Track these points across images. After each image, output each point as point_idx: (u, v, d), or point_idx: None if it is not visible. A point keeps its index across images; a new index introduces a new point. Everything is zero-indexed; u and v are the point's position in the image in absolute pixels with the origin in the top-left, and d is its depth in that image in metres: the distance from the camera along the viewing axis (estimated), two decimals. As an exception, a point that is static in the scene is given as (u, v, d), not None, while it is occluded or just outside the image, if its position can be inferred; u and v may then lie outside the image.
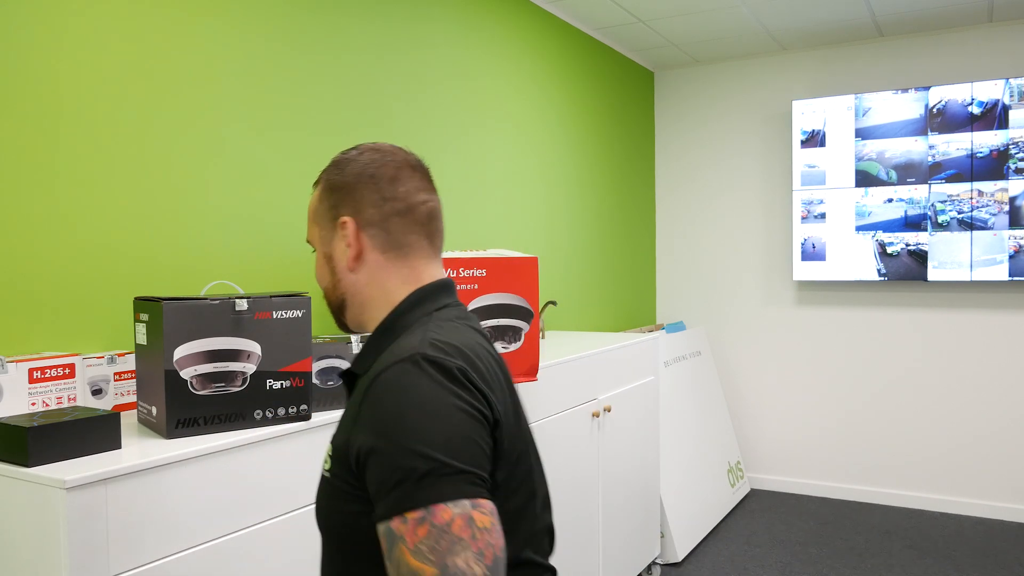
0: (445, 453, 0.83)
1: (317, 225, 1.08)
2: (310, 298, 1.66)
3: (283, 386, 1.61)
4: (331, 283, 1.08)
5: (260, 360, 1.58)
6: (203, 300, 1.52)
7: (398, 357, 0.91)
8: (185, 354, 1.49)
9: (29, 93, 1.68)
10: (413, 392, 0.87)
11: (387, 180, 1.04)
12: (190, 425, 1.50)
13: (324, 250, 1.08)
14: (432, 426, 0.85)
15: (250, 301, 1.57)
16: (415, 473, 0.82)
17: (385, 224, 1.03)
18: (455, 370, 0.90)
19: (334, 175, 1.06)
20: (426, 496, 0.81)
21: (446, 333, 0.96)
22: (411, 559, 0.80)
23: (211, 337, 1.52)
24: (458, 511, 0.81)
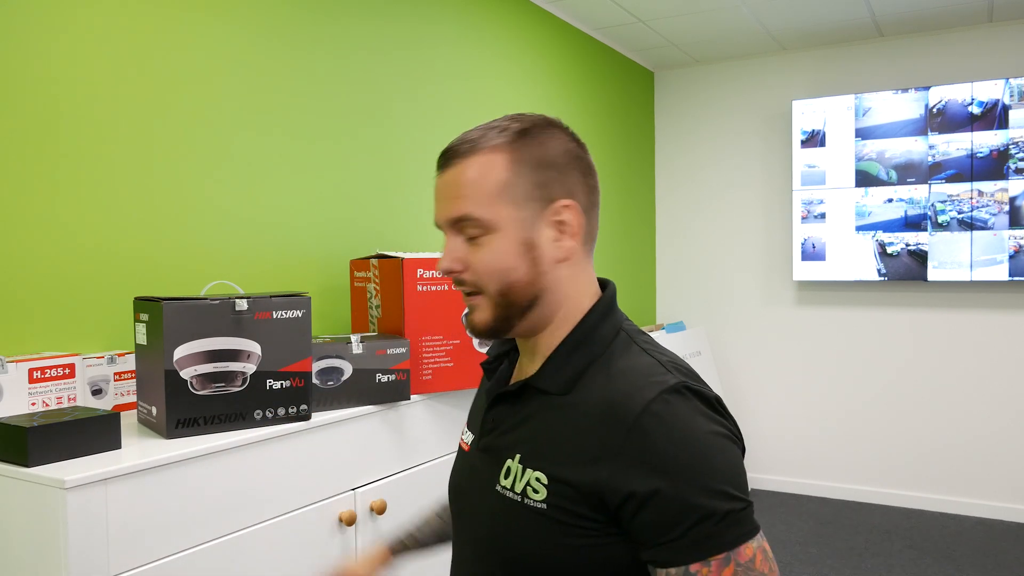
0: (737, 488, 0.80)
1: (508, 203, 0.87)
2: (310, 298, 1.66)
3: (283, 386, 1.61)
4: (530, 276, 0.88)
5: (260, 360, 1.58)
6: (203, 300, 1.52)
7: (657, 385, 0.82)
8: (185, 354, 1.49)
9: (29, 93, 1.68)
10: (692, 426, 0.80)
11: (589, 166, 0.92)
12: (190, 425, 1.50)
13: (524, 235, 0.88)
14: (719, 463, 0.80)
15: (250, 301, 1.57)
16: (715, 513, 0.78)
17: (591, 215, 0.92)
18: (714, 400, 0.85)
19: (532, 146, 0.89)
20: (731, 537, 0.78)
21: (667, 353, 0.89)
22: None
23: (211, 337, 1.52)
24: (756, 545, 0.79)
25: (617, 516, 0.81)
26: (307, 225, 2.36)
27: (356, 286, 2.27)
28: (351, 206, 2.52)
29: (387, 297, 2.06)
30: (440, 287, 2.04)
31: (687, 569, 0.78)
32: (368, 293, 2.18)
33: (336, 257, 2.46)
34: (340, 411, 1.75)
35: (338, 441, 1.72)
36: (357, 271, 2.27)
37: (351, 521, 1.72)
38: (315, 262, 2.38)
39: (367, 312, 2.24)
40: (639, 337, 0.91)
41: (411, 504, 1.92)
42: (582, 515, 0.82)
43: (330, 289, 2.43)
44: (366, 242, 2.57)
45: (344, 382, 1.80)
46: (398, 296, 2.01)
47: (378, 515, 1.82)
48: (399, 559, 1.25)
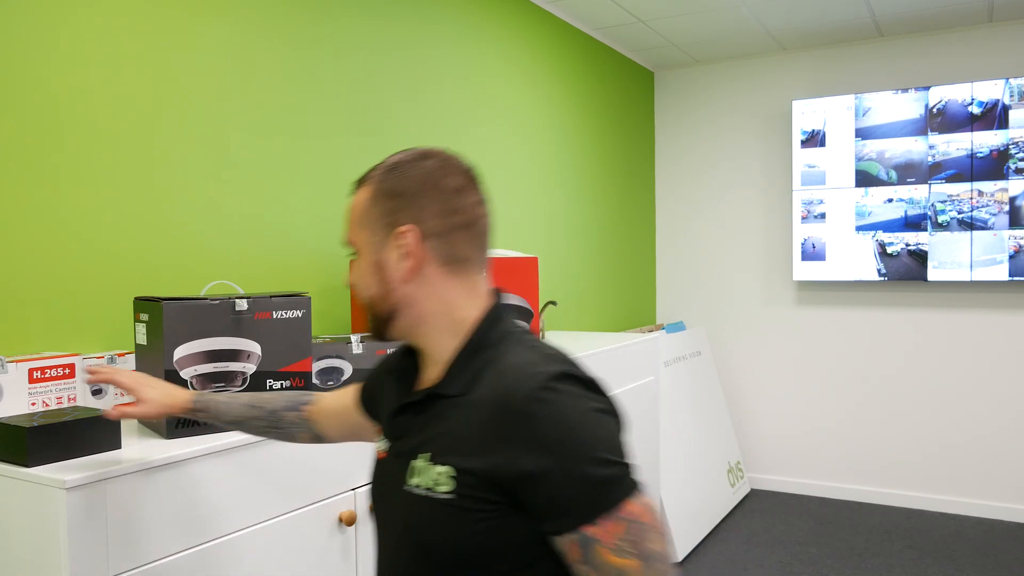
0: (615, 454, 0.89)
1: (366, 230, 1.01)
2: (310, 298, 1.66)
3: (283, 386, 1.62)
4: (380, 292, 1.02)
5: (260, 360, 1.59)
6: (203, 300, 1.52)
7: (540, 375, 0.91)
8: (185, 354, 1.49)
9: (29, 94, 1.68)
10: (569, 406, 0.90)
11: (452, 190, 1.00)
12: (189, 425, 1.50)
13: (374, 257, 1.01)
14: (597, 434, 0.89)
15: (250, 301, 1.57)
16: (597, 479, 0.87)
17: (448, 237, 1.00)
18: (589, 381, 0.94)
19: (392, 179, 1.00)
20: (613, 499, 0.87)
21: (546, 346, 0.99)
22: (613, 558, 0.87)
23: (211, 337, 1.52)
24: (638, 501, 0.89)
25: (515, 495, 0.90)
26: (307, 225, 2.36)
27: (356, 286, 2.27)
28: (351, 206, 2.52)
29: (387, 297, 2.05)
30: (440, 287, 2.03)
31: (581, 532, 0.87)
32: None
33: (336, 257, 2.46)
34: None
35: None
36: (357, 271, 2.26)
37: (351, 521, 1.72)
38: (315, 262, 2.38)
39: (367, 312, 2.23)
40: (525, 337, 1.01)
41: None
42: (486, 499, 0.91)
43: (330, 289, 2.43)
44: (366, 242, 2.57)
45: (344, 382, 1.80)
46: (398, 296, 2.01)
47: (378, 515, 1.82)
48: (194, 415, 1.30)
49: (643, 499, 0.90)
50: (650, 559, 0.87)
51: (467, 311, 1.02)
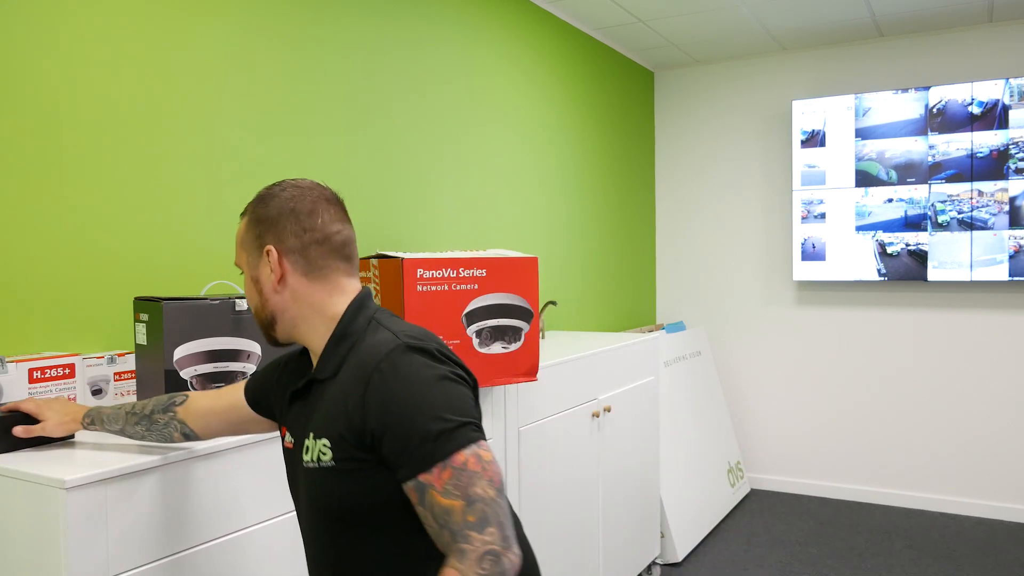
0: (449, 411, 1.04)
1: (245, 251, 1.22)
2: None
3: None
4: (259, 303, 1.21)
5: (260, 360, 1.59)
6: (203, 300, 1.52)
7: (385, 349, 1.09)
8: (185, 354, 1.50)
9: (29, 94, 1.68)
10: (409, 372, 1.06)
11: (305, 213, 1.19)
12: None
13: (252, 274, 1.22)
14: (433, 395, 1.05)
15: None
16: (431, 434, 1.02)
17: (305, 251, 1.19)
18: (434, 351, 1.10)
19: (259, 209, 1.21)
20: (443, 450, 1.02)
21: (406, 326, 1.16)
22: (441, 499, 1.01)
23: (211, 337, 1.53)
24: (468, 452, 1.03)
25: (375, 451, 1.06)
26: (307, 225, 2.36)
27: (356, 286, 2.27)
28: (351, 206, 2.52)
29: (387, 297, 2.06)
30: (440, 287, 2.04)
31: (418, 479, 1.02)
32: (368, 293, 2.18)
33: (336, 257, 2.46)
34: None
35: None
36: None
37: (351, 521, 1.72)
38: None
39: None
40: (386, 321, 1.17)
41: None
42: (359, 459, 1.08)
43: (330, 289, 2.43)
44: (366, 242, 2.57)
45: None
46: (398, 296, 2.01)
47: (378, 515, 1.81)
48: (89, 428, 1.44)
49: (475, 450, 1.03)
50: (472, 500, 1.01)
51: (335, 308, 1.19)
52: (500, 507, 1.03)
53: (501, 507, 1.03)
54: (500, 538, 1.01)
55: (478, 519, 1.00)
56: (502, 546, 1.01)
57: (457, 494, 1.01)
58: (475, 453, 1.03)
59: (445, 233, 2.95)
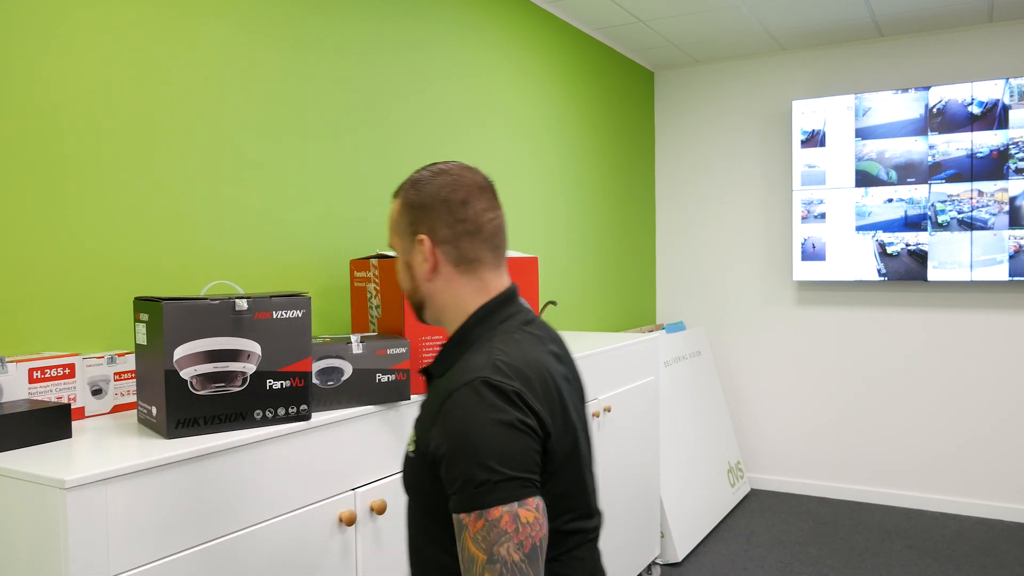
0: (499, 463, 1.03)
1: (398, 236, 1.25)
2: (310, 298, 1.66)
3: (283, 386, 1.61)
4: (412, 287, 1.26)
5: (260, 360, 1.58)
6: (203, 300, 1.52)
7: (465, 379, 1.09)
8: (185, 354, 1.49)
9: (29, 93, 1.68)
10: (475, 411, 1.06)
11: (458, 203, 1.19)
12: (190, 425, 1.50)
13: (404, 259, 1.25)
14: (490, 443, 1.04)
15: (250, 301, 1.57)
16: (475, 481, 1.03)
17: (457, 242, 1.20)
18: (511, 393, 1.08)
19: (411, 194, 1.22)
20: (483, 500, 1.02)
21: (508, 350, 1.14)
22: (470, 545, 1.03)
23: (211, 337, 1.52)
24: (506, 510, 1.02)
25: (435, 469, 1.10)
26: (307, 225, 2.36)
27: (356, 286, 2.27)
28: (351, 206, 2.52)
29: (387, 297, 2.06)
30: (440, 287, 2.03)
31: (458, 517, 1.05)
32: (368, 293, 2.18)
33: (336, 257, 2.46)
34: (340, 411, 1.75)
35: (338, 441, 1.72)
36: (357, 271, 2.27)
37: (351, 521, 1.72)
38: (315, 262, 2.38)
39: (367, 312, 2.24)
40: (500, 337, 1.17)
41: (411, 504, 1.92)
42: (429, 463, 1.11)
43: (330, 289, 2.43)
44: (366, 242, 2.57)
45: (344, 382, 1.80)
46: (398, 296, 2.01)
47: (378, 515, 1.82)
48: None
49: (515, 509, 1.03)
50: (493, 559, 1.01)
51: (470, 307, 1.21)
52: (519, 573, 1.02)
53: (521, 573, 1.02)
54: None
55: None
56: None
57: (483, 547, 1.02)
58: (513, 512, 1.02)
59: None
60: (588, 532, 1.23)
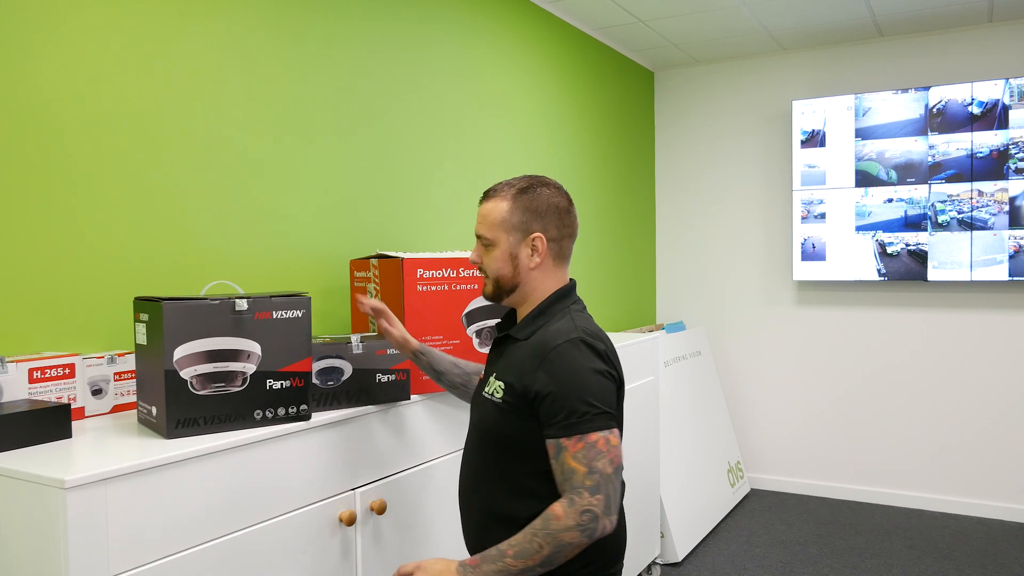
0: (596, 399, 1.37)
1: (506, 232, 1.51)
2: (310, 298, 1.66)
3: (283, 386, 1.61)
4: (511, 275, 1.52)
5: (260, 360, 1.58)
6: (203, 300, 1.52)
7: (565, 337, 1.42)
8: (185, 354, 1.49)
9: (28, 94, 1.68)
10: (577, 360, 1.40)
11: (564, 211, 1.54)
12: (190, 425, 1.50)
13: (512, 250, 1.51)
14: (590, 384, 1.38)
15: (250, 301, 1.57)
16: (578, 412, 1.35)
17: (560, 242, 1.54)
18: (601, 351, 1.44)
19: (525, 199, 1.51)
20: (584, 426, 1.35)
21: (586, 323, 1.49)
22: (571, 461, 1.34)
23: (211, 337, 1.52)
24: (600, 435, 1.35)
25: (533, 406, 1.41)
26: (307, 225, 2.36)
27: (356, 286, 2.27)
28: (351, 206, 2.52)
29: (387, 297, 2.06)
30: (440, 287, 2.04)
31: (559, 441, 1.36)
32: (368, 293, 2.18)
33: (336, 257, 2.46)
34: (340, 411, 1.75)
35: (338, 441, 1.72)
36: (357, 271, 2.27)
37: (351, 521, 1.72)
38: (315, 262, 2.38)
39: (367, 312, 2.23)
40: (575, 314, 1.50)
41: (411, 504, 1.92)
42: (518, 407, 1.44)
43: (330, 289, 2.43)
44: (366, 242, 2.57)
45: (344, 382, 1.80)
46: (398, 296, 2.01)
47: (378, 515, 1.82)
48: (416, 357, 1.81)
49: (606, 435, 1.35)
50: (593, 471, 1.33)
51: (551, 290, 1.54)
52: (612, 483, 1.34)
53: (613, 483, 1.34)
54: (604, 506, 1.32)
55: (593, 484, 1.32)
56: (603, 511, 1.32)
57: (584, 462, 1.33)
58: (606, 437, 1.35)
59: (445, 233, 2.95)
60: None
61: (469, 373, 1.81)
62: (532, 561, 1.33)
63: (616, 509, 1.35)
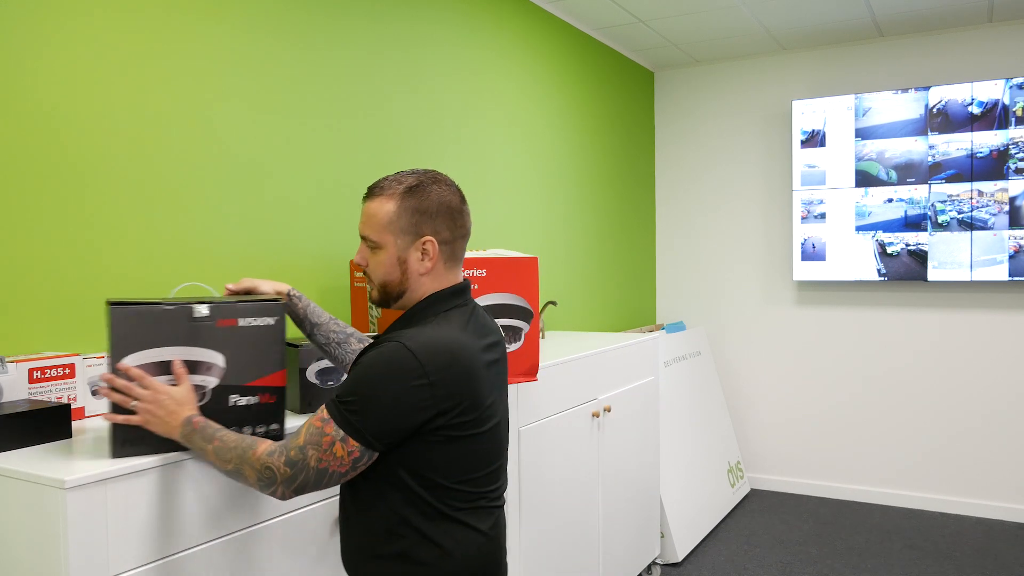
0: (368, 410, 1.24)
1: (393, 234, 1.36)
2: (283, 304, 1.50)
3: (251, 403, 1.44)
4: (399, 279, 1.38)
5: (223, 373, 1.41)
6: (156, 304, 1.35)
7: (396, 339, 1.28)
8: (135, 364, 1.34)
9: (30, 95, 1.68)
10: (388, 365, 1.26)
11: (457, 211, 1.39)
12: (137, 444, 1.33)
13: (400, 254, 1.37)
14: (378, 390, 1.25)
15: (211, 307, 1.40)
16: (344, 398, 1.26)
17: (453, 244, 1.39)
18: (420, 364, 1.26)
19: (414, 199, 1.36)
20: (336, 414, 1.26)
21: (443, 330, 1.32)
22: (305, 425, 1.28)
23: (165, 346, 1.35)
24: (335, 435, 1.25)
25: None
26: (307, 225, 2.36)
27: (356, 286, 2.27)
28: (351, 206, 2.52)
29: (387, 297, 2.05)
30: (440, 287, 2.03)
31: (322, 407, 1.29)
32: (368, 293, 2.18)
33: (336, 257, 2.46)
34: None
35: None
36: (357, 271, 2.27)
37: (351, 521, 1.72)
38: (315, 262, 2.38)
39: (367, 312, 2.24)
40: (437, 320, 1.36)
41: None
42: None
43: (330, 289, 2.43)
44: (366, 242, 2.56)
45: (344, 382, 1.79)
46: (398, 296, 2.00)
47: (378, 515, 1.81)
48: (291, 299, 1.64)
49: (339, 439, 1.25)
50: (303, 450, 1.25)
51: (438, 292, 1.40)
52: (309, 474, 1.25)
53: (309, 475, 1.25)
54: (288, 479, 1.25)
55: (294, 459, 1.25)
56: (283, 482, 1.25)
57: (307, 436, 1.26)
58: (336, 440, 1.25)
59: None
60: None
61: (348, 334, 1.67)
62: (220, 466, 1.29)
63: (300, 492, 1.26)
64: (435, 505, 1.31)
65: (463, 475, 1.33)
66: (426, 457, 1.30)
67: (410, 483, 1.30)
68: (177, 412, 1.33)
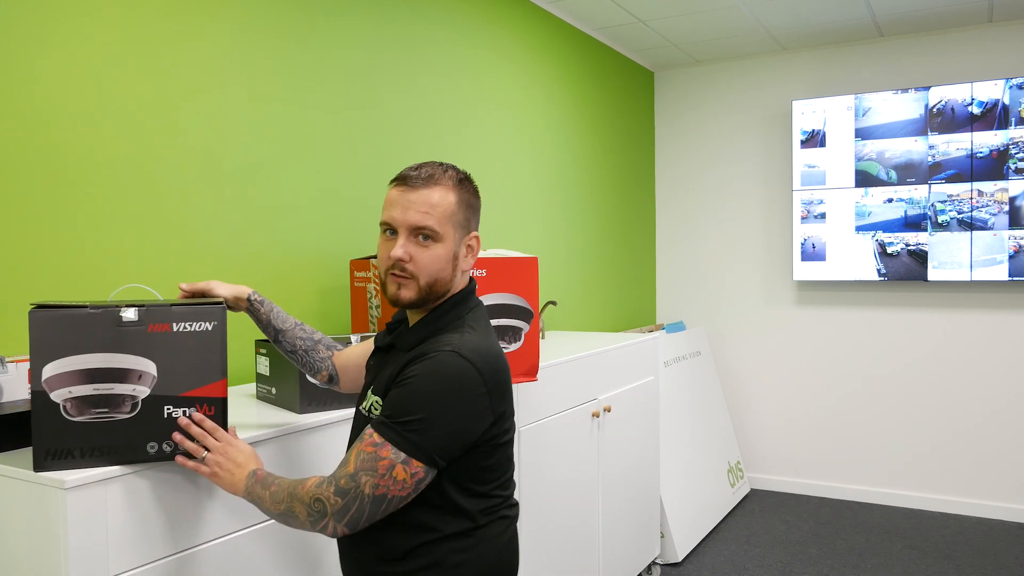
0: (429, 429, 1.19)
1: (453, 227, 1.29)
2: (224, 307, 1.39)
3: (186, 414, 1.34)
4: (449, 276, 1.30)
5: (155, 382, 1.32)
6: (79, 308, 1.27)
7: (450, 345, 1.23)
8: (56, 372, 1.25)
9: (29, 95, 1.68)
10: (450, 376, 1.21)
11: (479, 208, 1.36)
12: (63, 457, 1.26)
13: (453, 249, 1.29)
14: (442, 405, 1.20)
15: (141, 311, 1.30)
16: (399, 417, 1.20)
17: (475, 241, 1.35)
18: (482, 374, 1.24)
19: (467, 192, 1.32)
20: (392, 436, 1.19)
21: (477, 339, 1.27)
22: (354, 453, 1.22)
23: (90, 353, 1.26)
24: (394, 458, 1.18)
25: None
26: (307, 225, 2.36)
27: (356, 286, 2.27)
28: (351, 206, 2.52)
29: (387, 297, 2.05)
30: (440, 287, 2.03)
31: (370, 426, 1.23)
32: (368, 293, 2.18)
33: (336, 257, 2.46)
34: (339, 411, 1.75)
35: (336, 441, 1.72)
36: (357, 271, 2.27)
37: (351, 521, 1.72)
38: (315, 262, 2.38)
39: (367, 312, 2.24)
40: (468, 323, 1.30)
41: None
42: None
43: (330, 289, 2.43)
44: (366, 242, 2.57)
45: (344, 382, 1.79)
46: (398, 296, 2.00)
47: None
48: (251, 305, 1.53)
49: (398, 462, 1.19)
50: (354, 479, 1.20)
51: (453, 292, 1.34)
52: (363, 502, 1.19)
53: (363, 504, 1.19)
54: (338, 512, 1.19)
55: (344, 488, 1.19)
56: (334, 514, 1.20)
57: (358, 463, 1.20)
58: (396, 463, 1.18)
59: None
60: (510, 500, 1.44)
61: (316, 340, 1.57)
62: (273, 509, 1.25)
63: (353, 525, 1.20)
64: (470, 512, 1.28)
65: (496, 481, 1.32)
66: (479, 466, 1.27)
67: (451, 494, 1.26)
68: (244, 465, 1.32)
